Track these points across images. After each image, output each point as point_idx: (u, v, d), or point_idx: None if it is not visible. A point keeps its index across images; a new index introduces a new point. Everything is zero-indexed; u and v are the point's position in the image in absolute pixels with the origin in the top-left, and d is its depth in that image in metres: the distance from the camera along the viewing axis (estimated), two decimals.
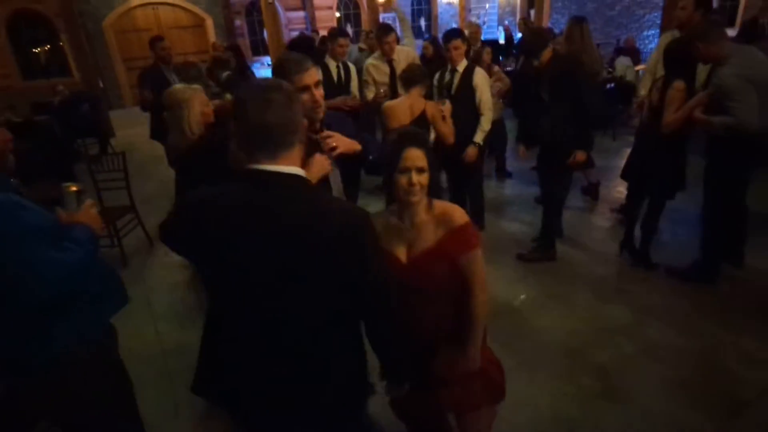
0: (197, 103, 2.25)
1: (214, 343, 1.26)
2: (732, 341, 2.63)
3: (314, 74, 1.66)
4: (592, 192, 4.55)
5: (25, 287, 1.25)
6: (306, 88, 1.61)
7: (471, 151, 3.56)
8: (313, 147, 1.62)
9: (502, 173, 5.52)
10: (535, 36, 3.50)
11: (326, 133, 1.68)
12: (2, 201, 1.28)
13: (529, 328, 2.87)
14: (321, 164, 1.60)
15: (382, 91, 4.07)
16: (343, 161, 1.80)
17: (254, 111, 1.04)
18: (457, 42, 3.50)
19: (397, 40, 4.67)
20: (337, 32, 4.07)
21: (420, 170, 1.45)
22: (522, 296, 3.19)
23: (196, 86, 2.38)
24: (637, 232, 3.40)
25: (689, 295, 3.05)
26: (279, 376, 1.16)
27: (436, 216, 1.52)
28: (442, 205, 1.55)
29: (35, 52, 11.28)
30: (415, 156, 1.45)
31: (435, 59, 5.21)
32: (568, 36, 4.13)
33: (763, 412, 2.22)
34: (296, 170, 1.10)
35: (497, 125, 5.24)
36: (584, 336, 2.78)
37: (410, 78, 3.02)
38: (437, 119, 2.95)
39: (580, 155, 3.24)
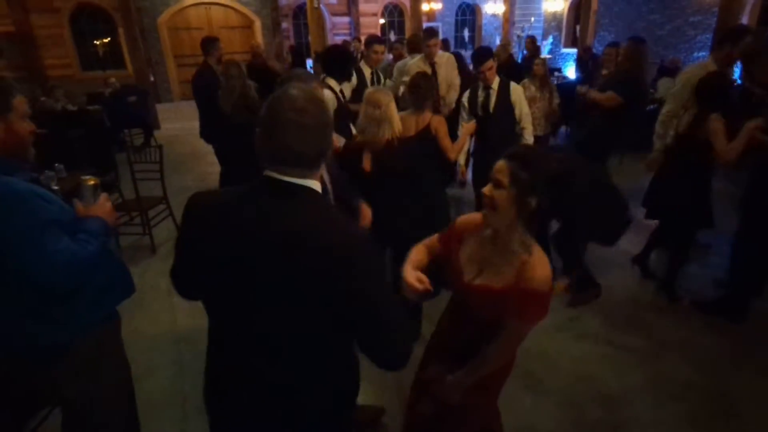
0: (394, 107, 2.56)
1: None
2: (749, 383, 2.51)
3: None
4: None
5: (39, 276, 1.31)
6: None
7: None
8: None
9: None
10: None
11: None
12: (24, 192, 1.33)
13: (539, 350, 2.82)
14: None
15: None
16: None
17: (287, 135, 1.02)
18: (490, 62, 3.51)
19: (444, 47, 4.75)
20: (373, 39, 4.15)
21: (497, 184, 1.32)
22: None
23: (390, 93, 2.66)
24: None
25: (709, 329, 2.93)
26: (261, 388, 1.15)
27: (522, 262, 1.33)
28: (537, 258, 1.33)
29: (95, 44, 11.94)
30: (498, 167, 1.33)
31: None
32: (629, 56, 4.08)
33: None
34: (312, 183, 1.09)
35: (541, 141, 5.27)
36: (595, 363, 2.72)
37: (418, 88, 2.95)
38: (441, 132, 2.95)
39: None
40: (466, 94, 3.73)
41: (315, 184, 1.10)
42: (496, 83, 3.59)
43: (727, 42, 3.41)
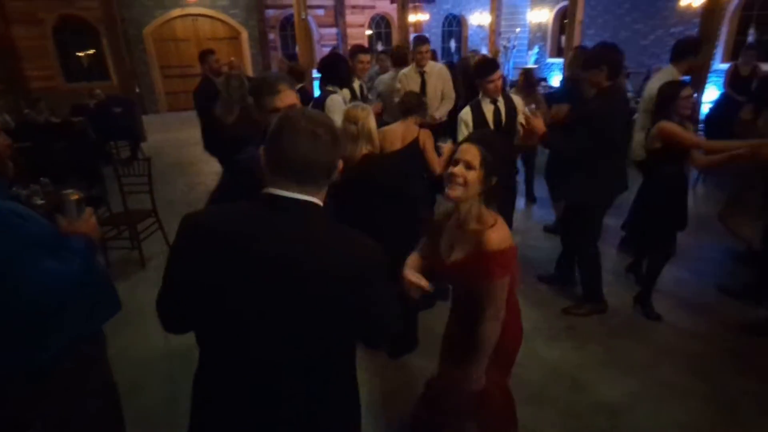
0: (374, 122, 2.56)
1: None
2: (753, 390, 2.51)
3: (287, 96, 1.65)
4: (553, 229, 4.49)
5: (23, 297, 1.25)
6: (276, 111, 1.56)
7: None
8: None
9: (531, 198, 5.54)
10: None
11: None
12: (1, 211, 1.26)
13: (539, 359, 2.81)
14: None
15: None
16: None
17: (299, 144, 1.00)
18: (499, 73, 3.17)
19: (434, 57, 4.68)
20: (357, 49, 4.19)
21: (468, 165, 1.49)
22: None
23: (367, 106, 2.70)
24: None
25: (707, 335, 2.95)
26: (268, 412, 1.09)
27: (479, 230, 1.52)
28: (494, 225, 1.53)
29: (79, 55, 11.80)
30: (469, 150, 1.51)
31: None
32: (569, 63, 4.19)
33: None
34: (317, 200, 1.06)
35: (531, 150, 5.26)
36: (594, 370, 2.70)
37: (408, 107, 2.96)
38: (428, 146, 2.93)
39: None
40: (467, 111, 3.27)
41: (318, 201, 1.07)
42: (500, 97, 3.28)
43: (690, 53, 3.49)
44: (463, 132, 3.21)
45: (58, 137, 6.05)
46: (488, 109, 3.24)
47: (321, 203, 1.07)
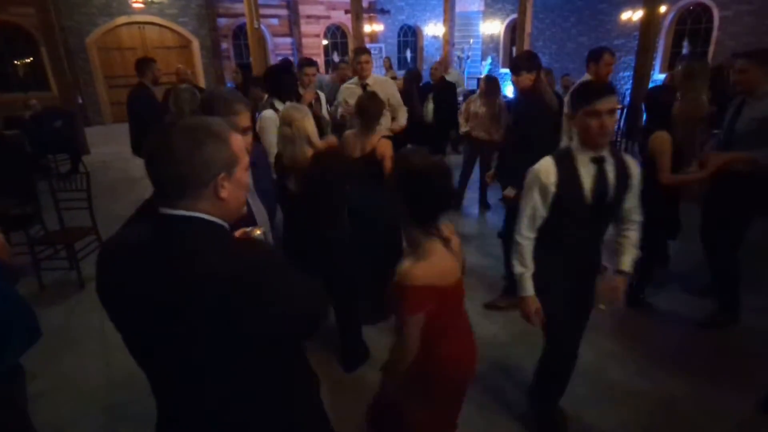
0: (310, 123, 2.37)
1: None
2: (692, 386, 2.60)
3: (244, 119, 1.58)
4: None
5: None
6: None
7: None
8: None
9: (484, 205, 5.60)
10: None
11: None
12: None
13: (496, 365, 2.82)
14: None
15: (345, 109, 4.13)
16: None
17: (159, 156, 0.96)
18: (614, 100, 1.90)
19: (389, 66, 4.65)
20: (304, 62, 4.17)
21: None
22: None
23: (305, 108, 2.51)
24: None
25: (651, 340, 3.04)
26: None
27: (406, 257, 1.40)
28: (423, 252, 1.39)
29: (14, 64, 11.11)
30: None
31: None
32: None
33: None
34: (200, 215, 1.00)
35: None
36: None
37: (371, 117, 2.89)
38: (387, 156, 2.88)
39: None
40: (548, 166, 1.89)
41: (203, 215, 1.00)
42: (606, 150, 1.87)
43: (591, 60, 3.71)
44: (534, 198, 1.93)
45: None
46: (587, 170, 1.86)
47: (206, 216, 1.00)
